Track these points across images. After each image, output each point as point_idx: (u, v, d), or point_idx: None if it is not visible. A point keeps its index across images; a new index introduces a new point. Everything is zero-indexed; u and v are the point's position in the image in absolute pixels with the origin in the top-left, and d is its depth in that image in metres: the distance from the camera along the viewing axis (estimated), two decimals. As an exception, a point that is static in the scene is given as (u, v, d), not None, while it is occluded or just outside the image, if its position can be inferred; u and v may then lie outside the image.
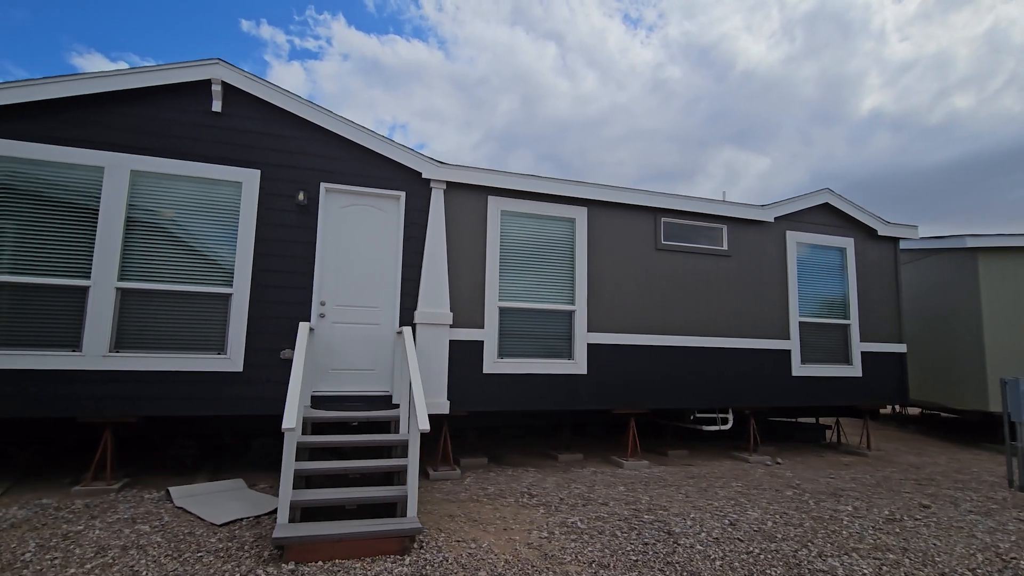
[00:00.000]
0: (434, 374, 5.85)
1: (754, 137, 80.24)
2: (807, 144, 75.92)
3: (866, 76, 64.38)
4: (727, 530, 4.39)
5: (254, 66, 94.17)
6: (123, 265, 5.11)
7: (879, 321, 8.09)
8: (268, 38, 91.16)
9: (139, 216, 5.24)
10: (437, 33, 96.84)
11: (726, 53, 70.38)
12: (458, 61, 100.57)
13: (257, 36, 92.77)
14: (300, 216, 5.67)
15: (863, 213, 8.10)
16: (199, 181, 5.42)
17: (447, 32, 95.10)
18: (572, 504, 5.00)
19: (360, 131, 5.89)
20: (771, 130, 78.47)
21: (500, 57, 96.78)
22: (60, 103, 5.05)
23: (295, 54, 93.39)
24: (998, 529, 4.61)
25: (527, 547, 3.92)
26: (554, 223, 6.66)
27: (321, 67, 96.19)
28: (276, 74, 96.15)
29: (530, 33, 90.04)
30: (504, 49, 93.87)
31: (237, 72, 5.54)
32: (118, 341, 5.04)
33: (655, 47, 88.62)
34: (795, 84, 71.93)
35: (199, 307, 5.30)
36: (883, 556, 3.94)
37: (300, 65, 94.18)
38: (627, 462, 6.62)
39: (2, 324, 4.76)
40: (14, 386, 4.70)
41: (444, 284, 6.01)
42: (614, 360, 6.66)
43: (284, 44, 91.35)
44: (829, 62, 67.23)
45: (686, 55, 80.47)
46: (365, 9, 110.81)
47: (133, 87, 5.23)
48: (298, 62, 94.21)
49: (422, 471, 5.96)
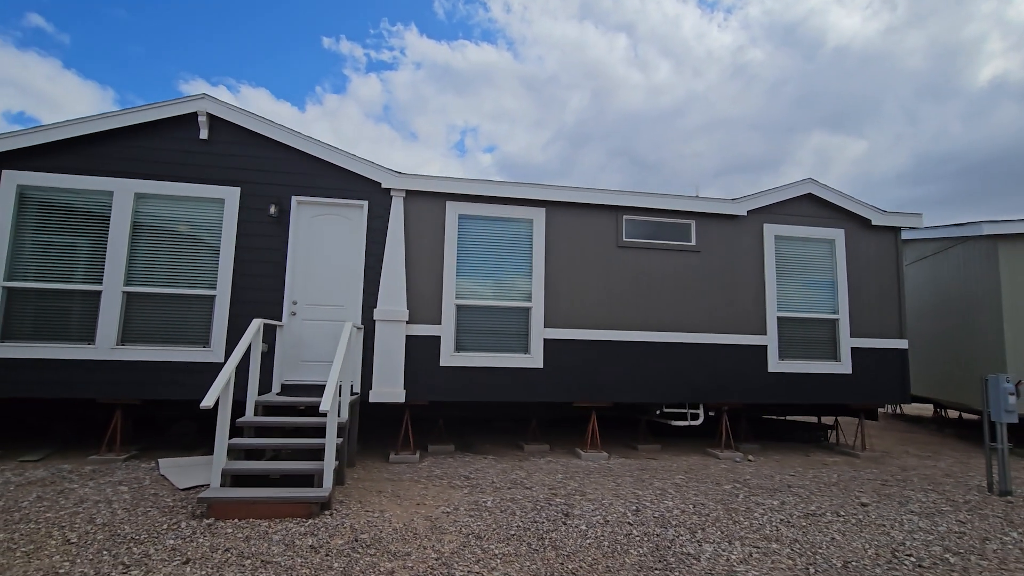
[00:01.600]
0: (392, 366, 6.42)
1: (849, 119, 74.13)
2: (913, 123, 69.02)
3: (985, 41, 57.44)
4: (626, 515, 4.57)
5: (335, 81, 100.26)
6: (128, 272, 6.12)
7: (875, 316, 7.68)
8: (347, 53, 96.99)
9: (141, 231, 6.24)
10: (505, 35, 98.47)
11: (814, 29, 65.54)
12: (527, 61, 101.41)
13: (337, 52, 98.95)
14: (274, 226, 6.45)
15: (853, 203, 7.72)
16: (189, 199, 6.34)
17: (515, 33, 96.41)
18: (499, 487, 5.35)
19: (326, 148, 6.59)
20: (869, 110, 72.08)
21: (569, 53, 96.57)
22: (78, 140, 6.15)
23: (372, 66, 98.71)
24: (924, 529, 4.43)
25: (423, 519, 4.36)
26: (512, 224, 7.01)
27: (396, 77, 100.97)
28: (355, 87, 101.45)
29: (599, 26, 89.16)
30: (573, 45, 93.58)
31: (220, 104, 6.42)
32: (124, 336, 6.05)
33: (734, 30, 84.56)
34: (898, 57, 65.57)
35: (189, 307, 6.21)
36: (765, 545, 3.99)
37: (376, 76, 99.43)
38: (585, 453, 6.84)
39: (32, 321, 5.89)
40: (41, 372, 5.81)
41: (401, 284, 6.56)
42: (571, 355, 6.90)
43: (361, 57, 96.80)
44: (938, 29, 60.66)
45: (769, 36, 76.04)
46: (435, 17, 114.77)
47: (135, 123, 6.24)
48: (375, 74, 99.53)
49: (382, 454, 6.55)
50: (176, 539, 3.75)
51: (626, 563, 3.60)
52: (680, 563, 3.61)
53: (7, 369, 5.79)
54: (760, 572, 3.51)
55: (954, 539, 4.22)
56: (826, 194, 7.68)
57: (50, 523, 4.00)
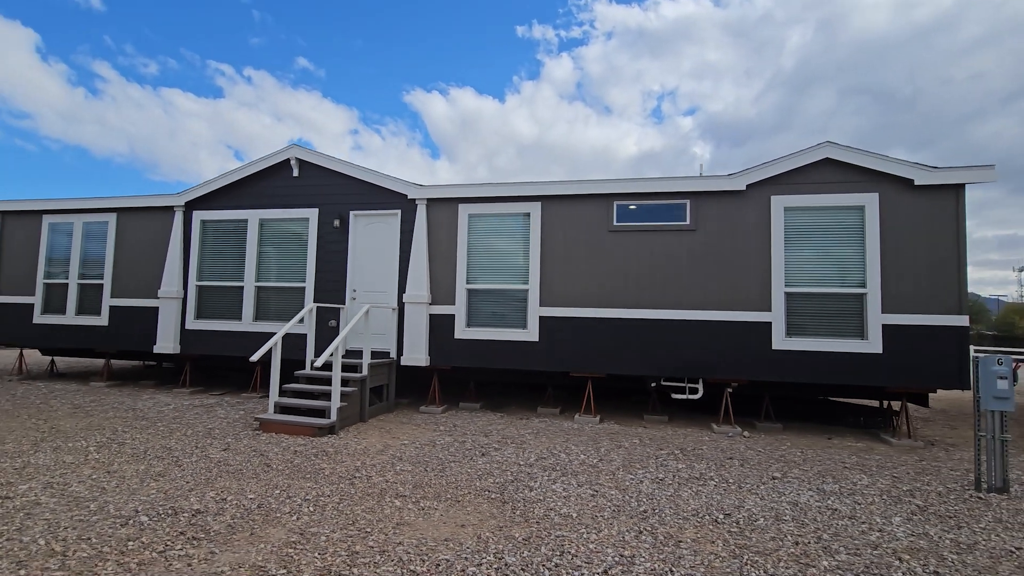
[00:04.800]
0: (418, 338, 8.24)
1: None
2: None
3: None
4: (527, 459, 5.61)
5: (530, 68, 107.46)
6: (257, 273, 9.10)
7: (921, 289, 6.75)
8: (540, 37, 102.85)
9: (263, 244, 9.16)
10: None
11: None
12: (730, 5, 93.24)
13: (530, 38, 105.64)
14: (339, 234, 8.78)
15: (888, 162, 6.83)
16: (289, 220, 9.04)
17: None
18: (467, 434, 6.77)
19: (371, 173, 8.64)
20: None
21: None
22: (227, 187, 9.29)
23: (563, 46, 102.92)
24: (806, 507, 4.52)
25: (383, 446, 6.08)
26: (511, 218, 8.15)
27: (587, 52, 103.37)
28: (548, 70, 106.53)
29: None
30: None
31: (304, 150, 8.95)
32: (256, 315, 9.05)
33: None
34: None
35: (291, 295, 8.94)
36: (606, 491, 4.70)
37: (568, 56, 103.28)
38: (579, 417, 7.73)
39: (210, 306, 9.25)
40: (217, 339, 9.11)
41: (425, 273, 8.29)
42: (564, 330, 7.80)
43: (553, 39, 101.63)
44: None
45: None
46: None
47: (255, 171, 9.15)
48: (566, 53, 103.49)
49: (413, 407, 8.46)
50: (231, 439, 6.17)
51: (474, 486, 4.78)
52: (514, 492, 4.65)
53: (201, 336, 9.26)
54: (570, 506, 4.35)
55: (823, 520, 4.29)
56: (849, 156, 6.95)
57: (184, 424, 6.83)
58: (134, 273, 9.70)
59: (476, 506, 4.27)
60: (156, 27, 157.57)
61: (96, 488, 4.43)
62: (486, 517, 4.03)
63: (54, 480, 4.58)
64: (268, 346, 6.72)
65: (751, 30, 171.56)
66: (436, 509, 4.19)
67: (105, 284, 9.83)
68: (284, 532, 3.68)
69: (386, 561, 3.27)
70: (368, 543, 3.52)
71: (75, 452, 5.46)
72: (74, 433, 6.25)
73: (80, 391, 9.17)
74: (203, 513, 3.96)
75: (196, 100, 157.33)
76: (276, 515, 3.97)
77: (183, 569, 3.13)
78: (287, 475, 4.92)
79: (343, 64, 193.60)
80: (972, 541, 3.78)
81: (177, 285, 9.31)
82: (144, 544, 3.43)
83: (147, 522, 3.77)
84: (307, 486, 4.63)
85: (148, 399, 8.56)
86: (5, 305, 10.39)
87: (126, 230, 9.86)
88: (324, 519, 3.91)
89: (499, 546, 3.51)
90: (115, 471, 4.89)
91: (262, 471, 5.02)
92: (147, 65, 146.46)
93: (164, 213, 9.62)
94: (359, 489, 4.59)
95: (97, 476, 4.74)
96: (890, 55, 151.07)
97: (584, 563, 3.30)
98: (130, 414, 7.39)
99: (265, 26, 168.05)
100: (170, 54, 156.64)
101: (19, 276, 10.34)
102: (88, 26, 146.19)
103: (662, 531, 3.82)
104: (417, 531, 3.75)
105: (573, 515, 4.10)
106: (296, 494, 4.41)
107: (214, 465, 5.16)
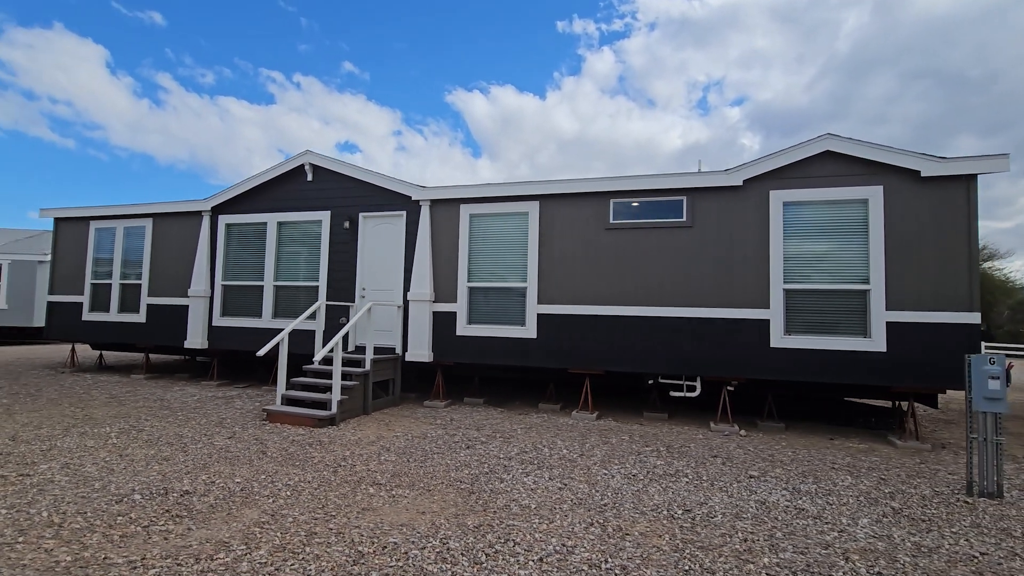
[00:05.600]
0: (421, 334, 8.51)
1: None
2: None
3: None
4: (507, 453, 5.76)
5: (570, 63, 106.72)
6: (275, 272, 9.61)
7: (928, 285, 6.47)
8: (580, 31, 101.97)
9: (281, 245, 9.66)
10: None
11: None
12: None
13: (571, 33, 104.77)
14: (350, 235, 9.16)
15: (893, 154, 6.56)
16: (304, 222, 9.51)
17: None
18: (459, 427, 6.98)
19: (377, 176, 8.97)
20: None
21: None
22: (248, 192, 9.85)
23: (604, 39, 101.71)
24: (773, 502, 4.49)
25: (376, 437, 6.37)
26: (510, 218, 8.29)
27: (629, 45, 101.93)
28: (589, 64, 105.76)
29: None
30: (839, -47, 77.93)
31: (317, 155, 9.38)
32: (275, 313, 9.57)
33: None
34: None
35: (306, 295, 9.40)
36: (573, 484, 4.80)
37: (609, 49, 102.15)
38: (576, 413, 7.81)
39: (233, 304, 9.84)
40: (239, 335, 9.70)
41: (427, 272, 8.55)
42: (563, 327, 7.89)
43: (594, 32, 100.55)
44: None
45: None
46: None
47: (272, 176, 9.66)
48: (607, 46, 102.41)
49: (418, 401, 8.74)
50: (239, 428, 6.61)
51: (449, 477, 4.98)
52: (484, 483, 4.82)
53: (226, 332, 9.88)
54: (533, 497, 4.49)
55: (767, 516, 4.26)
56: (851, 148, 6.72)
57: (202, 414, 7.35)
58: (167, 273, 10.44)
59: (443, 495, 4.46)
60: (212, 38, 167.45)
61: (106, 469, 4.89)
62: (448, 506, 4.21)
63: (72, 461, 5.09)
64: (275, 341, 7.15)
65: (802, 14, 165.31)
66: (405, 497, 4.41)
67: (143, 284, 10.62)
68: (257, 513, 3.99)
69: (339, 542, 3.51)
70: (329, 525, 3.78)
71: (98, 437, 6.01)
72: (103, 420, 6.86)
73: (120, 383, 9.97)
74: (191, 494, 4.33)
75: (249, 107, 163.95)
76: (255, 498, 4.29)
77: (159, 542, 3.48)
78: (278, 462, 5.27)
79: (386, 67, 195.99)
80: (935, 545, 3.68)
81: (205, 284, 9.96)
82: (132, 519, 3.81)
83: (139, 500, 4.16)
84: (293, 472, 4.96)
85: (178, 391, 9.22)
86: (59, 304, 11.38)
87: (160, 234, 10.61)
88: (298, 503, 4.20)
89: (448, 532, 3.69)
90: (127, 455, 5.37)
91: (256, 458, 5.39)
92: (204, 75, 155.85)
93: (193, 217, 10.30)
94: (340, 477, 4.87)
95: (110, 459, 5.22)
96: (957, 34, 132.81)
97: (524, 551, 3.44)
98: (156, 404, 8.00)
99: (312, 32, 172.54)
100: (225, 63, 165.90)
101: (70, 277, 11.31)
102: (151, 40, 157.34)
103: (613, 524, 3.91)
104: (378, 516, 3.98)
105: (532, 506, 4.23)
106: (280, 480, 4.74)
107: (216, 451, 5.58)
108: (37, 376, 10.46)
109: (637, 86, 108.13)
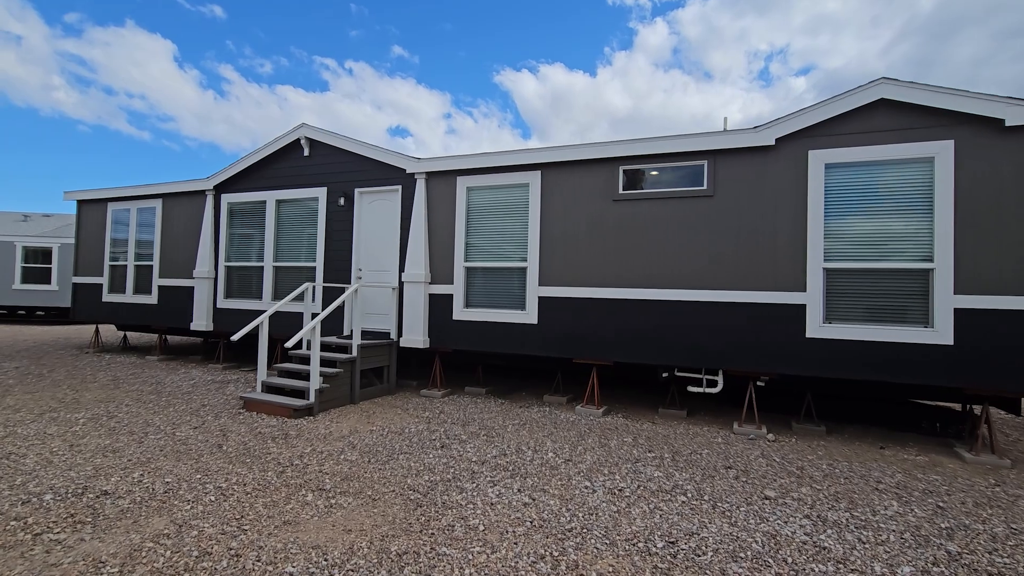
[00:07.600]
0: (417, 319, 7.90)
1: None
2: None
3: None
4: (485, 455, 5.07)
5: (622, 37, 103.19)
6: (275, 253, 9.26)
7: (1011, 262, 5.19)
8: (632, 3, 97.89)
9: (280, 225, 9.27)
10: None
11: None
12: None
13: (622, 5, 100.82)
14: (345, 212, 8.63)
15: (969, 99, 5.25)
16: (301, 200, 9.06)
17: (831, -90, 79.53)
18: (444, 421, 6.35)
19: (371, 148, 8.35)
20: None
21: (917, -89, 74.04)
22: (246, 170, 9.49)
23: (656, 10, 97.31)
24: (786, 536, 3.59)
25: (352, 430, 5.83)
26: (510, 190, 7.47)
27: (683, 15, 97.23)
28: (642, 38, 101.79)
29: None
30: None
31: (313, 128, 8.86)
32: (274, 294, 9.24)
33: None
34: None
35: (304, 276, 8.98)
36: (543, 500, 4.06)
37: (662, 20, 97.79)
38: (580, 408, 7.00)
39: (236, 285, 9.59)
40: (240, 317, 9.45)
41: (423, 252, 7.90)
42: (565, 312, 7.05)
43: (647, 4, 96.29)
44: None
45: None
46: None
47: (270, 152, 9.24)
48: (660, 17, 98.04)
49: (417, 390, 8.17)
50: (211, 417, 6.25)
51: (404, 484, 4.35)
52: (440, 494, 4.16)
53: (229, 315, 9.66)
54: (487, 516, 3.79)
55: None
56: (912, 95, 5.44)
57: (184, 400, 7.07)
58: (176, 255, 10.33)
59: (387, 507, 3.84)
60: (268, 29, 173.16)
61: (44, 462, 4.58)
62: (383, 522, 3.58)
63: (16, 451, 4.82)
64: (253, 325, 6.72)
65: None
66: (342, 508, 3.82)
67: (154, 265, 10.58)
68: (165, 522, 3.50)
69: (228, 568, 2.95)
70: (231, 543, 3.22)
71: (64, 424, 5.78)
72: (85, 405, 6.69)
73: (131, 364, 9.99)
74: (109, 495, 3.90)
75: (305, 95, 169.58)
76: (174, 502, 3.81)
77: (33, 556, 3.02)
78: (229, 458, 4.81)
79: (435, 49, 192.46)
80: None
81: (209, 265, 9.75)
82: (26, 525, 3.40)
83: (49, 501, 3.76)
84: (237, 471, 4.47)
85: (182, 373, 9.09)
86: (83, 285, 11.59)
87: (169, 215, 10.49)
88: (217, 511, 3.68)
89: (360, 561, 3.05)
90: (79, 445, 5.06)
91: (208, 452, 4.96)
92: (263, 65, 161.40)
93: (198, 197, 10.09)
94: (284, 479, 4.34)
95: (58, 449, 4.92)
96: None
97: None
98: (150, 388, 7.83)
99: (362, 18, 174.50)
100: (282, 53, 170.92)
101: (92, 259, 11.46)
102: (213, 33, 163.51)
103: (570, 559, 3.14)
104: (296, 533, 3.39)
105: (480, 527, 3.53)
106: (216, 480, 4.25)
107: (172, 443, 5.19)
108: (58, 356, 10.68)
109: (693, 58, 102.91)
